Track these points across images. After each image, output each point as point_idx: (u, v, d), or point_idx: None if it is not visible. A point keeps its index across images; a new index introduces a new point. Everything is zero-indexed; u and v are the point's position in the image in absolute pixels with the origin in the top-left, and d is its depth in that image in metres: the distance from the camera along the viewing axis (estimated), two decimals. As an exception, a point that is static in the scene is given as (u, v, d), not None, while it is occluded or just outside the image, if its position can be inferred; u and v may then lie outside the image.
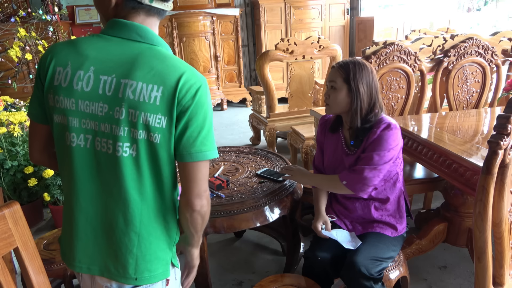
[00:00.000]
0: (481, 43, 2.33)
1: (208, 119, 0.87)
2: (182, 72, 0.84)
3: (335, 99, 1.43)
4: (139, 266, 0.91)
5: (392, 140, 1.38)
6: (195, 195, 0.90)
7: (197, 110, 0.85)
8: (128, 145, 0.84)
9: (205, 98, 0.86)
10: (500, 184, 1.00)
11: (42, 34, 3.25)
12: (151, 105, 0.82)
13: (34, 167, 2.53)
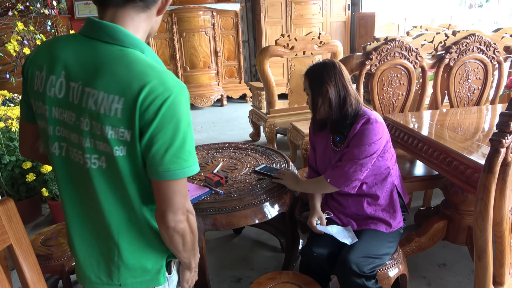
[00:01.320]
0: (483, 40, 2.31)
1: (181, 134, 0.76)
2: (147, 81, 0.73)
3: (312, 104, 1.51)
4: (122, 274, 0.89)
5: (373, 134, 1.39)
6: (167, 211, 0.80)
7: (164, 124, 0.74)
8: (96, 156, 0.80)
9: (176, 110, 0.75)
10: (502, 182, 0.99)
11: (41, 28, 3.22)
12: (112, 117, 0.75)
13: (32, 162, 2.52)
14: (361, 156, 1.39)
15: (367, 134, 1.39)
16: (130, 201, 0.84)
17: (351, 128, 1.44)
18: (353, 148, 1.41)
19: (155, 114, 0.73)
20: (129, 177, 0.81)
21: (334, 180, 1.44)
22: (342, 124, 1.46)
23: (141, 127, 0.75)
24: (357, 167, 1.40)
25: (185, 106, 0.77)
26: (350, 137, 1.43)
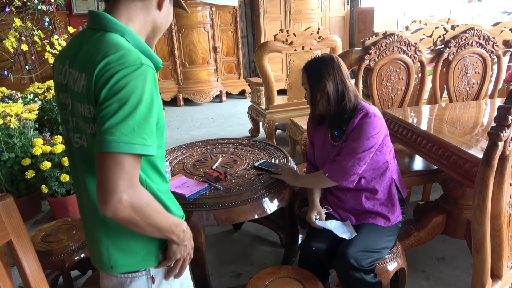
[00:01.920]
0: (482, 34, 2.31)
1: (127, 108, 0.73)
2: (105, 56, 0.76)
3: (310, 99, 1.49)
4: (112, 255, 0.91)
5: (371, 128, 1.39)
6: (101, 195, 0.74)
7: (110, 95, 0.74)
8: (78, 135, 0.84)
9: (126, 84, 0.74)
10: (500, 176, 0.99)
11: (38, 24, 3.21)
12: (80, 94, 0.79)
13: (32, 159, 2.52)
14: (359, 150, 1.39)
15: (365, 128, 1.39)
16: None
17: (349, 122, 1.44)
18: (351, 142, 1.41)
19: (104, 85, 0.74)
20: None
21: (333, 175, 1.44)
22: (340, 118, 1.46)
23: (95, 100, 0.76)
24: (355, 161, 1.40)
25: (140, 83, 0.75)
26: (348, 131, 1.43)
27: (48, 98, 3.24)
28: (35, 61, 4.14)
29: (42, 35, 3.05)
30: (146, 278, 0.95)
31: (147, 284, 0.96)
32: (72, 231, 1.85)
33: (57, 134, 3.27)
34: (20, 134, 2.61)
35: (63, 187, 2.52)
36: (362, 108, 1.44)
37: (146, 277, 0.95)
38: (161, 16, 0.91)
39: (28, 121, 2.67)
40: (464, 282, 1.86)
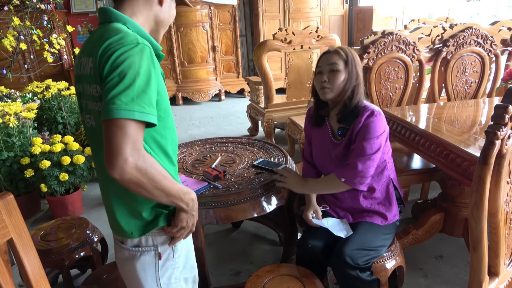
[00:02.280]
0: (480, 33, 2.31)
1: (126, 81, 0.81)
2: (107, 39, 0.86)
3: (338, 81, 1.40)
4: (130, 222, 1.00)
5: (378, 127, 1.39)
6: (108, 160, 0.81)
7: (112, 70, 0.83)
8: (89, 116, 0.95)
9: (125, 60, 0.83)
10: (497, 174, 1.00)
11: (37, 23, 3.21)
12: (88, 76, 0.90)
13: (31, 158, 2.52)
14: (372, 151, 1.37)
15: (373, 127, 1.38)
16: None
17: (354, 121, 1.42)
18: (361, 142, 1.38)
19: (106, 62, 0.84)
20: None
21: (350, 180, 1.40)
22: (348, 115, 1.43)
23: (100, 78, 0.85)
24: (370, 163, 1.38)
25: (137, 59, 0.84)
26: (355, 131, 1.41)
27: (47, 97, 3.24)
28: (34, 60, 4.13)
29: (41, 33, 3.06)
30: (154, 254, 1.05)
31: (154, 259, 1.05)
32: (71, 230, 1.85)
33: (56, 133, 3.27)
34: (19, 133, 2.61)
35: (62, 186, 2.52)
36: (367, 107, 1.42)
37: (154, 252, 1.05)
38: (163, 11, 1.01)
39: (27, 120, 2.68)
40: (462, 280, 1.87)
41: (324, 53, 1.46)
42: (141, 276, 1.07)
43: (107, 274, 1.63)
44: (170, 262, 1.09)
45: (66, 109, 3.29)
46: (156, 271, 1.07)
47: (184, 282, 1.16)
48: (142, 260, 1.05)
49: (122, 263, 1.09)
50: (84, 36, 5.46)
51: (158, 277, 1.08)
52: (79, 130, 3.06)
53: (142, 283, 1.08)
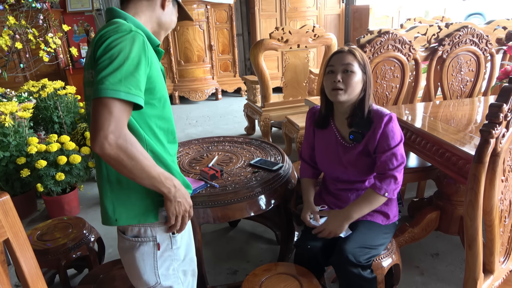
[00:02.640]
0: (476, 32, 2.33)
1: (115, 64, 0.87)
2: (105, 29, 0.94)
3: (352, 82, 1.36)
4: (116, 209, 1.03)
5: (399, 131, 1.39)
6: (92, 134, 0.86)
7: (103, 54, 0.89)
8: (87, 103, 1.01)
9: (115, 45, 0.89)
10: (492, 172, 1.01)
11: (32, 22, 3.19)
12: (87, 63, 0.99)
13: (27, 157, 2.51)
14: (403, 157, 1.38)
15: (396, 132, 1.37)
16: None
17: (370, 127, 1.39)
18: (391, 151, 1.36)
19: (99, 47, 0.90)
20: None
21: (391, 192, 1.39)
22: (361, 120, 1.41)
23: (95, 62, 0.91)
24: (402, 169, 1.39)
25: (129, 44, 0.90)
26: (375, 137, 1.37)
27: (43, 97, 3.22)
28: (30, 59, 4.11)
29: (37, 33, 3.04)
30: (152, 244, 1.09)
31: (153, 249, 1.09)
32: (68, 230, 1.85)
33: (52, 132, 3.26)
34: (15, 133, 2.59)
35: (58, 186, 2.51)
36: (381, 111, 1.40)
37: (153, 243, 1.08)
38: (165, 15, 1.09)
39: (22, 120, 2.66)
40: (457, 278, 1.88)
41: (337, 52, 1.41)
42: (140, 266, 1.10)
43: (104, 274, 1.63)
44: (168, 253, 1.12)
45: (62, 108, 3.28)
46: (155, 261, 1.10)
47: (183, 274, 1.19)
48: (141, 250, 1.08)
49: (123, 252, 1.13)
50: (80, 35, 5.43)
51: (156, 267, 1.11)
52: (76, 129, 3.05)
53: (141, 272, 1.11)
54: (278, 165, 1.77)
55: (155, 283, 1.12)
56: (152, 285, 1.13)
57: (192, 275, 1.25)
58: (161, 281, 1.13)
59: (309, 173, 1.64)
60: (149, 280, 1.12)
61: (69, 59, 4.73)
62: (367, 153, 1.44)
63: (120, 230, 1.12)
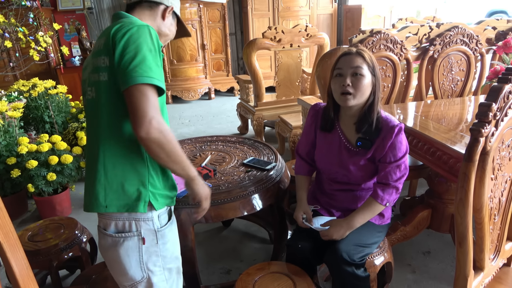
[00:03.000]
0: (466, 32, 2.35)
1: (141, 54, 0.95)
2: (119, 23, 1.03)
3: (362, 86, 1.32)
4: (108, 195, 1.04)
5: (405, 142, 1.39)
6: (136, 121, 0.93)
7: (127, 46, 0.96)
8: (90, 89, 1.07)
9: (137, 37, 0.98)
10: (481, 171, 1.02)
11: (22, 20, 3.15)
12: (99, 51, 1.04)
13: (17, 157, 2.48)
14: (407, 168, 1.40)
15: (403, 143, 1.37)
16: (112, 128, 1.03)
17: (379, 135, 1.38)
18: (398, 161, 1.37)
19: (121, 39, 0.97)
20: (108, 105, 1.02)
21: (392, 201, 1.41)
22: (369, 126, 1.39)
23: (113, 51, 0.98)
24: (404, 180, 1.41)
25: (147, 37, 0.99)
26: (384, 147, 1.37)
27: (33, 96, 3.19)
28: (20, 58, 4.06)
29: (27, 31, 3.00)
30: (137, 239, 1.08)
31: (138, 244, 1.09)
32: (60, 230, 1.83)
33: (43, 132, 3.22)
34: (5, 133, 2.56)
35: (50, 186, 2.49)
36: (390, 120, 1.38)
37: (137, 237, 1.08)
38: (165, 25, 1.20)
39: (13, 119, 2.63)
40: (449, 275, 1.91)
41: (345, 54, 1.37)
42: (125, 262, 1.09)
43: (97, 274, 1.62)
44: (154, 249, 1.12)
45: (54, 108, 3.24)
46: (140, 256, 1.10)
47: (168, 272, 1.19)
48: (126, 245, 1.08)
49: (105, 250, 1.12)
50: (71, 34, 5.38)
51: (142, 262, 1.11)
52: (67, 129, 3.02)
53: (126, 268, 1.10)
54: (271, 164, 1.77)
55: (142, 278, 1.12)
56: (138, 280, 1.12)
57: (177, 273, 1.24)
58: (147, 276, 1.13)
59: (305, 170, 1.62)
60: (135, 275, 1.11)
61: (60, 58, 4.68)
62: (373, 160, 1.43)
63: (101, 227, 1.11)
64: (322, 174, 1.60)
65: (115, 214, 1.07)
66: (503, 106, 0.98)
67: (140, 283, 1.13)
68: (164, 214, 1.15)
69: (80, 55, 5.09)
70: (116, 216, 1.07)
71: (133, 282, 1.12)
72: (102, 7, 5.49)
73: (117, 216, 1.07)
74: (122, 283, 1.16)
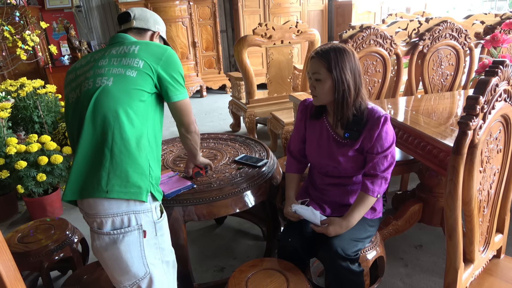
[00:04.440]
0: (455, 26, 2.37)
1: (180, 74, 1.30)
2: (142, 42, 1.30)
3: (322, 90, 1.37)
4: (111, 180, 1.05)
5: (392, 132, 1.40)
6: (185, 128, 1.40)
7: (172, 67, 1.27)
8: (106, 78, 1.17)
9: (175, 59, 1.29)
10: (470, 164, 1.03)
11: (8, 19, 3.09)
12: (130, 53, 1.24)
13: (6, 158, 2.45)
14: (395, 157, 1.41)
15: (389, 133, 1.38)
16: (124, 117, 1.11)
17: (365, 126, 1.39)
18: (385, 151, 1.38)
19: (163, 56, 1.26)
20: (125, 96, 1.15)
21: (382, 192, 1.43)
22: (354, 118, 1.40)
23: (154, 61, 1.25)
24: (392, 169, 1.42)
25: (178, 59, 1.30)
26: (371, 138, 1.38)
27: (21, 96, 3.14)
28: (7, 57, 4.00)
29: (13, 30, 2.95)
30: (138, 233, 1.08)
31: (139, 238, 1.08)
32: (50, 231, 1.81)
33: (33, 132, 3.18)
34: (-7, 134, 2.52)
35: (40, 187, 2.46)
36: (376, 111, 1.39)
37: (138, 231, 1.08)
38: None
39: (0, 120, 2.59)
40: (440, 268, 1.92)
41: (310, 58, 1.40)
42: (127, 258, 1.08)
43: (88, 275, 1.61)
44: (154, 241, 1.13)
45: (43, 108, 3.20)
46: (142, 250, 1.09)
47: (166, 265, 1.20)
48: (126, 241, 1.07)
49: (102, 250, 1.09)
50: (60, 33, 5.31)
51: (144, 256, 1.10)
52: (57, 129, 2.98)
53: (128, 265, 1.08)
54: (263, 161, 1.77)
55: (144, 273, 1.11)
56: (141, 277, 1.11)
57: (173, 266, 1.25)
58: (150, 271, 1.12)
59: (295, 168, 1.63)
60: (138, 271, 1.10)
61: (49, 57, 4.62)
62: (361, 151, 1.44)
63: (95, 227, 1.09)
64: (314, 169, 1.61)
65: (112, 210, 1.06)
66: (490, 99, 0.99)
67: (143, 279, 1.12)
68: (159, 206, 1.19)
69: (69, 54, 5.02)
70: (113, 212, 1.06)
71: (135, 279, 1.11)
72: (90, 5, 5.43)
73: (114, 212, 1.06)
74: (123, 283, 1.13)
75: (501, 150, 1.15)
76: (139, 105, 1.15)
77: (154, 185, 1.15)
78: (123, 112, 1.11)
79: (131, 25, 1.36)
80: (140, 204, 1.08)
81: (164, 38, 1.48)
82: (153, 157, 1.18)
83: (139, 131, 1.13)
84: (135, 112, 1.13)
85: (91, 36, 5.52)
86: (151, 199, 1.14)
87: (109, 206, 1.06)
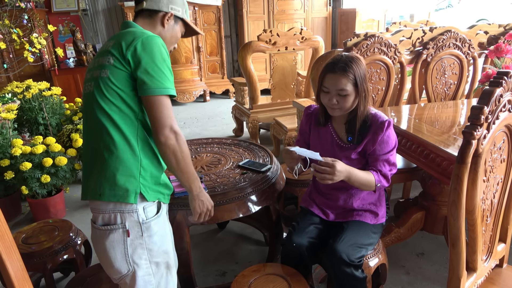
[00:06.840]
0: (459, 36, 2.38)
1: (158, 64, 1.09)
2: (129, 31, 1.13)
3: (347, 103, 1.37)
4: (102, 183, 1.09)
5: (394, 137, 1.44)
6: (156, 129, 1.08)
7: (143, 56, 1.08)
8: (90, 84, 1.14)
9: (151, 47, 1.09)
10: (474, 173, 1.03)
11: (16, 22, 3.13)
12: (104, 51, 1.14)
13: (11, 159, 2.46)
14: (395, 161, 1.45)
15: (392, 137, 1.42)
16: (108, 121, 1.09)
17: (369, 131, 1.42)
18: (386, 154, 1.42)
19: (132, 45, 1.08)
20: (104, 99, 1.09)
21: (382, 187, 1.46)
22: (362, 124, 1.43)
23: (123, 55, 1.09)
24: (393, 173, 1.46)
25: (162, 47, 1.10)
26: (374, 142, 1.41)
27: (27, 98, 3.17)
28: (13, 59, 4.03)
29: (21, 33, 2.99)
30: (122, 232, 1.11)
31: (122, 237, 1.11)
32: (54, 233, 1.82)
33: (37, 134, 3.20)
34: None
35: (44, 188, 2.47)
36: (379, 116, 1.42)
37: (122, 230, 1.11)
38: (166, 32, 1.25)
39: (6, 121, 2.61)
40: (442, 276, 1.92)
41: (329, 72, 1.37)
42: (111, 254, 1.12)
43: (91, 277, 1.61)
44: (139, 241, 1.14)
45: (48, 109, 3.22)
46: (125, 249, 1.12)
47: (156, 266, 1.19)
48: (111, 238, 1.11)
49: (95, 242, 1.16)
50: (66, 36, 5.35)
51: (127, 255, 1.13)
52: (61, 131, 3.01)
53: (112, 261, 1.13)
54: (267, 166, 1.78)
55: (128, 271, 1.14)
56: (124, 273, 1.14)
57: (166, 268, 1.23)
58: (133, 269, 1.14)
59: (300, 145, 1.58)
60: (121, 268, 1.13)
61: (55, 60, 4.65)
62: (363, 154, 1.47)
63: (92, 220, 1.16)
64: None
65: (102, 207, 1.11)
66: (494, 109, 1.00)
67: (127, 276, 1.15)
68: (151, 206, 1.16)
69: (74, 57, 5.06)
70: (103, 209, 1.11)
71: (120, 275, 1.15)
72: (96, 9, 5.48)
73: (103, 209, 1.11)
74: (111, 275, 1.19)
75: (505, 159, 1.16)
76: (122, 107, 1.08)
77: (146, 185, 1.12)
78: (105, 118, 1.08)
79: (142, 6, 1.22)
80: (125, 205, 1.11)
81: (186, 19, 1.29)
82: (147, 156, 1.13)
83: (126, 133, 1.09)
84: (118, 115, 1.08)
85: (97, 39, 5.57)
86: (139, 200, 1.12)
87: (101, 204, 1.12)
